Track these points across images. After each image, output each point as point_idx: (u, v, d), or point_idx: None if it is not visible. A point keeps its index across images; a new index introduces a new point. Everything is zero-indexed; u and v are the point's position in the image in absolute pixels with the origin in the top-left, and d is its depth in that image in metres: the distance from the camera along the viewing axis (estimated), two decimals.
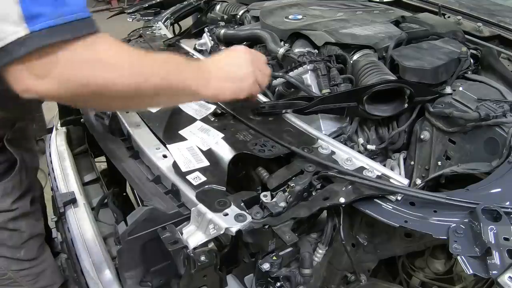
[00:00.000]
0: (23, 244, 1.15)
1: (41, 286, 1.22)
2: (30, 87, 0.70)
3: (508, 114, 1.10)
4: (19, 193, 1.10)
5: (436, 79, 1.28)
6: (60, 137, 1.59)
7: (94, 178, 1.50)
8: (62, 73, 0.70)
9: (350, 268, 1.13)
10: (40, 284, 1.22)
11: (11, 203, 1.08)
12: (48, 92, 0.71)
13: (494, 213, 0.83)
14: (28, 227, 1.15)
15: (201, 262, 0.85)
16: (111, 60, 0.75)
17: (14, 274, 1.15)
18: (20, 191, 1.11)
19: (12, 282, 1.16)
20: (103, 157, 1.65)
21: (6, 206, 1.07)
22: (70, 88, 0.71)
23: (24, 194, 1.12)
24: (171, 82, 0.86)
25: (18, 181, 1.09)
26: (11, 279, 1.15)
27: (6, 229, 1.10)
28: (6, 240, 1.10)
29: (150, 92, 0.83)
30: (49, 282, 1.24)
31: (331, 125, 1.31)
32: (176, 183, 0.98)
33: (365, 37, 1.43)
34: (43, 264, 1.22)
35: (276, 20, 1.65)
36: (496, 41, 1.58)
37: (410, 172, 1.28)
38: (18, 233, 1.13)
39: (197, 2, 2.11)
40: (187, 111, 1.24)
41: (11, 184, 1.07)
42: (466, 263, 0.78)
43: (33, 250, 1.19)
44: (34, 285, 1.20)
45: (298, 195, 0.93)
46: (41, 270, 1.22)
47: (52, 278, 1.25)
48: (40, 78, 0.69)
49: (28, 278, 1.18)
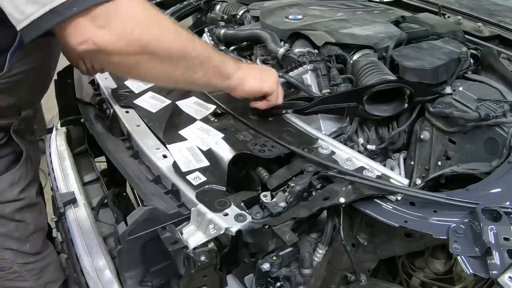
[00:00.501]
0: (28, 237, 1.16)
1: (45, 281, 1.23)
2: (90, 36, 0.74)
3: (508, 114, 1.10)
4: (26, 183, 1.12)
5: (436, 79, 1.28)
6: (60, 137, 1.60)
7: (94, 178, 1.50)
8: (121, 25, 0.76)
9: (350, 268, 1.13)
10: (44, 279, 1.23)
11: (19, 193, 1.09)
12: (105, 43, 0.75)
13: (494, 213, 0.83)
14: (33, 219, 1.17)
15: (201, 262, 0.85)
16: (163, 22, 0.83)
17: (19, 268, 1.16)
18: (27, 181, 1.12)
19: (18, 277, 1.17)
20: (103, 157, 1.65)
21: (14, 196, 1.09)
22: (125, 40, 0.77)
23: (30, 184, 1.14)
24: (212, 56, 0.96)
25: (24, 171, 1.11)
26: (17, 273, 1.16)
27: (13, 220, 1.11)
28: (13, 232, 1.12)
29: (194, 60, 0.91)
30: (52, 277, 1.25)
31: (331, 125, 1.31)
32: (176, 183, 0.98)
33: (365, 37, 1.43)
34: (47, 259, 1.24)
35: (276, 20, 1.65)
36: (496, 41, 1.58)
37: (410, 172, 1.28)
38: (24, 225, 1.14)
39: (197, 2, 2.10)
40: (187, 111, 1.24)
41: (18, 174, 1.09)
42: (466, 263, 0.78)
43: (37, 244, 1.20)
44: (38, 280, 1.21)
45: (298, 195, 0.93)
46: (45, 265, 1.23)
47: (55, 274, 1.26)
48: (100, 28, 0.74)
49: (33, 273, 1.20)
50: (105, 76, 1.49)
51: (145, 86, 1.39)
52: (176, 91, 1.35)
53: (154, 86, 1.39)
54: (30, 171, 1.14)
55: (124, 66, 0.84)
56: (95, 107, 1.48)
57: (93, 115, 1.45)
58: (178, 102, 1.28)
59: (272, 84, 1.12)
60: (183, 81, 0.95)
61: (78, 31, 0.74)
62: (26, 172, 1.12)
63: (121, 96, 1.34)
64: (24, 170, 1.11)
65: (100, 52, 0.77)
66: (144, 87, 1.39)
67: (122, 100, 1.32)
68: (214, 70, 0.98)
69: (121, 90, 1.38)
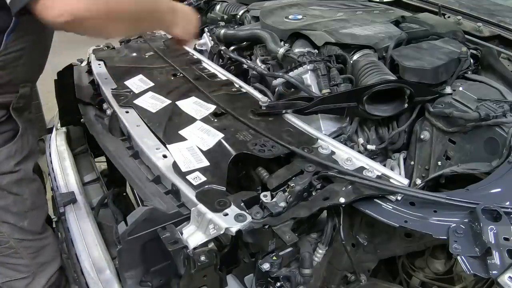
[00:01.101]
0: (27, 213, 1.20)
1: (40, 261, 1.26)
2: (65, 7, 0.86)
3: (508, 114, 1.10)
4: (21, 157, 1.17)
5: (436, 79, 1.28)
6: (60, 137, 1.60)
7: (94, 178, 1.50)
8: None
9: (350, 268, 1.13)
10: (40, 259, 1.26)
11: (14, 165, 1.15)
12: (79, 11, 0.88)
13: (494, 213, 0.83)
14: (31, 195, 1.21)
15: (201, 262, 0.85)
16: None
17: (16, 244, 1.20)
18: (22, 155, 1.18)
19: (13, 253, 1.21)
20: (103, 157, 1.65)
21: (10, 168, 1.14)
22: (95, 6, 0.91)
23: (26, 158, 1.19)
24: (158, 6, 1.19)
25: (20, 146, 1.17)
26: (13, 248, 1.20)
27: (11, 193, 1.16)
28: (11, 205, 1.16)
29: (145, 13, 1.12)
30: (48, 259, 1.28)
31: (331, 125, 1.31)
32: (176, 183, 0.98)
33: (365, 37, 1.43)
34: (45, 240, 1.27)
35: (276, 20, 1.65)
36: (496, 41, 1.58)
37: (410, 172, 1.28)
38: (22, 200, 1.18)
39: (197, 2, 2.10)
40: (187, 111, 1.24)
41: (14, 147, 1.15)
42: (466, 263, 0.78)
43: (37, 224, 1.24)
44: (34, 260, 1.25)
45: (298, 195, 0.93)
46: (43, 246, 1.26)
47: (52, 256, 1.29)
48: None
49: (29, 251, 1.23)
50: (105, 76, 1.49)
51: (145, 86, 1.40)
52: (176, 91, 1.36)
53: (154, 86, 1.39)
54: (26, 147, 1.19)
55: (91, 27, 0.95)
56: (95, 107, 1.48)
57: (93, 115, 1.46)
58: (178, 102, 1.28)
59: None
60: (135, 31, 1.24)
61: (54, 4, 0.86)
62: (22, 147, 1.18)
63: (121, 96, 1.34)
64: (20, 145, 1.17)
65: (76, 21, 0.88)
66: (144, 87, 1.39)
67: (122, 100, 1.32)
68: (159, 18, 1.20)
69: (121, 90, 1.38)
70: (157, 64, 1.57)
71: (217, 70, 1.51)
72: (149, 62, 1.60)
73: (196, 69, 1.52)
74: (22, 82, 1.14)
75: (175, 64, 1.55)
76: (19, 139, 1.16)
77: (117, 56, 1.68)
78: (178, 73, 1.49)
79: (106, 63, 1.59)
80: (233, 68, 1.65)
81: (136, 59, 1.64)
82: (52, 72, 1.62)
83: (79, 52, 1.95)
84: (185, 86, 1.39)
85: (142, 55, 1.67)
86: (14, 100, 1.13)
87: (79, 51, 2.01)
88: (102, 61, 1.61)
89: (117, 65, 1.58)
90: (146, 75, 1.46)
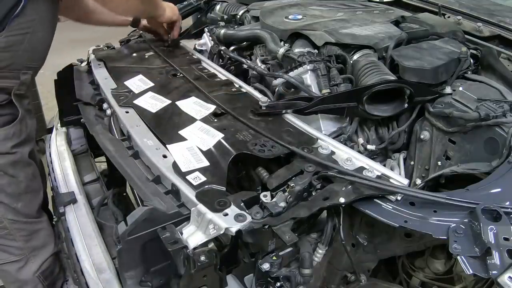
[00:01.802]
0: (21, 196, 1.22)
1: (33, 245, 1.28)
2: None
3: (508, 114, 1.10)
4: (19, 140, 1.20)
5: (436, 79, 1.28)
6: (60, 137, 1.60)
7: (94, 178, 1.50)
8: None
9: (350, 268, 1.13)
10: (33, 243, 1.28)
11: (11, 147, 1.18)
12: None
13: (494, 213, 0.83)
14: (26, 179, 1.23)
15: (201, 262, 0.85)
16: None
17: (9, 225, 1.22)
18: (20, 139, 1.21)
19: (7, 234, 1.23)
20: (103, 157, 1.65)
21: (6, 149, 1.17)
22: None
23: (22, 142, 1.22)
24: None
25: (19, 130, 1.20)
26: (6, 229, 1.22)
27: (6, 173, 1.19)
28: (5, 186, 1.19)
29: None
30: (41, 243, 1.30)
31: (331, 125, 1.31)
32: (176, 183, 0.97)
33: (365, 37, 1.43)
34: (39, 224, 1.30)
35: (276, 20, 1.65)
36: (496, 41, 1.57)
37: (410, 172, 1.28)
38: (17, 181, 1.21)
39: (197, 2, 2.10)
40: (187, 111, 1.24)
41: (12, 130, 1.18)
42: (466, 263, 0.78)
43: (31, 208, 1.26)
44: (27, 243, 1.27)
45: (298, 195, 0.93)
46: (36, 229, 1.29)
47: (45, 241, 1.31)
48: None
49: (23, 233, 1.25)
50: (105, 76, 1.49)
51: (145, 86, 1.40)
52: (176, 91, 1.36)
53: (154, 86, 1.39)
54: (24, 131, 1.22)
55: None
56: (95, 107, 1.48)
57: (93, 115, 1.45)
58: (178, 102, 1.28)
59: None
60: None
61: None
62: (20, 130, 1.20)
63: (121, 96, 1.34)
64: (18, 128, 1.19)
65: None
66: (144, 87, 1.39)
67: (122, 100, 1.32)
68: None
69: (121, 90, 1.38)
70: (157, 64, 1.57)
71: (217, 70, 1.52)
72: (149, 62, 1.60)
73: (196, 69, 1.53)
74: (23, 68, 1.16)
75: (175, 64, 1.55)
76: (18, 123, 1.19)
77: (117, 56, 1.68)
78: (178, 73, 1.49)
79: (106, 63, 1.59)
80: (233, 68, 1.65)
81: (136, 59, 1.64)
82: (52, 72, 1.62)
83: (79, 52, 1.95)
84: (185, 86, 1.40)
85: (142, 55, 1.67)
86: (15, 87, 1.15)
87: (79, 51, 2.01)
88: (102, 61, 1.61)
89: (117, 65, 1.58)
90: (146, 75, 1.46)
